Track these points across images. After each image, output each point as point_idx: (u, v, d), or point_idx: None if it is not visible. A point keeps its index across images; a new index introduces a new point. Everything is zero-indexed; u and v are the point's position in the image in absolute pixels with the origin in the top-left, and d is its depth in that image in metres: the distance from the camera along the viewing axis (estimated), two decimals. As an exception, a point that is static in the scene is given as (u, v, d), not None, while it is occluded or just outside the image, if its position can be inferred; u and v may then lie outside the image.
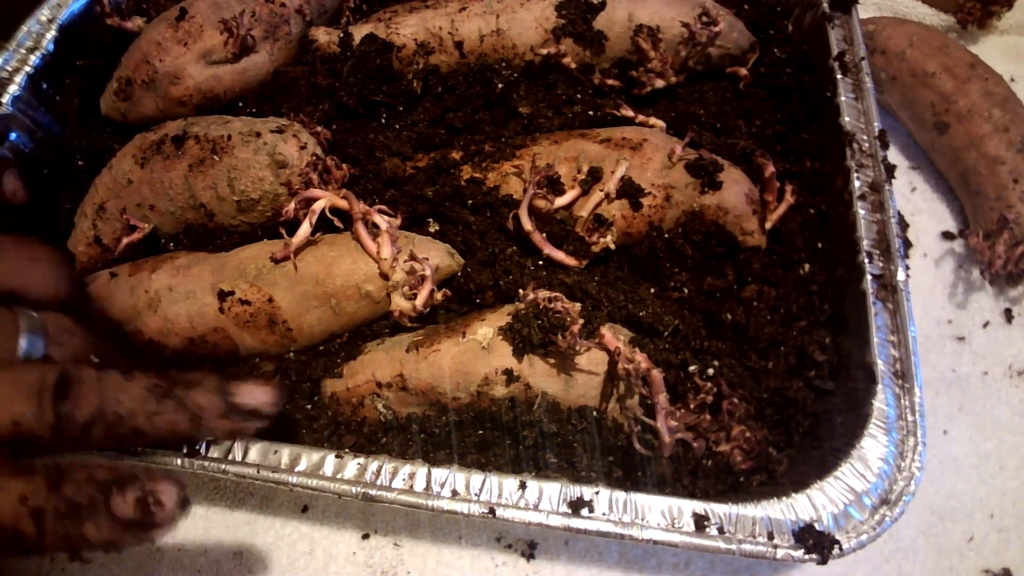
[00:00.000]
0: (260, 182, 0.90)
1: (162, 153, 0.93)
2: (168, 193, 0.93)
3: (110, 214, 0.96)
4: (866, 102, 0.97)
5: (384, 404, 0.81)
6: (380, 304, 0.85)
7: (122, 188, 0.95)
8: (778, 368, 0.84)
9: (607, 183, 0.88)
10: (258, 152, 0.90)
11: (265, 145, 0.89)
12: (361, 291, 0.84)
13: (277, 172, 0.89)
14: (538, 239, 0.88)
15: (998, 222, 0.98)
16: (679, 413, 0.74)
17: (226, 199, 0.91)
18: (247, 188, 0.90)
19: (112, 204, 0.96)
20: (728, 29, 1.03)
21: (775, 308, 0.88)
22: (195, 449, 0.77)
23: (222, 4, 1.03)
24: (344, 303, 0.84)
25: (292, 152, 0.89)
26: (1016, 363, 0.99)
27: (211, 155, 0.91)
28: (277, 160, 0.89)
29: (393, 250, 0.83)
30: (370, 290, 0.84)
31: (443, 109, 1.04)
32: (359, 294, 0.84)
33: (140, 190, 0.94)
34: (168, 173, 0.92)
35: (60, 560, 0.89)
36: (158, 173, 0.93)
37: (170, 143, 0.93)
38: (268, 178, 0.90)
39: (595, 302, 0.85)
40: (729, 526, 0.71)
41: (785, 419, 0.82)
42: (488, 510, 0.71)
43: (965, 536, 0.89)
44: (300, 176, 0.89)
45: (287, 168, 0.89)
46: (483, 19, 1.05)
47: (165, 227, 0.95)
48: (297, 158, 0.90)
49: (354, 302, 0.84)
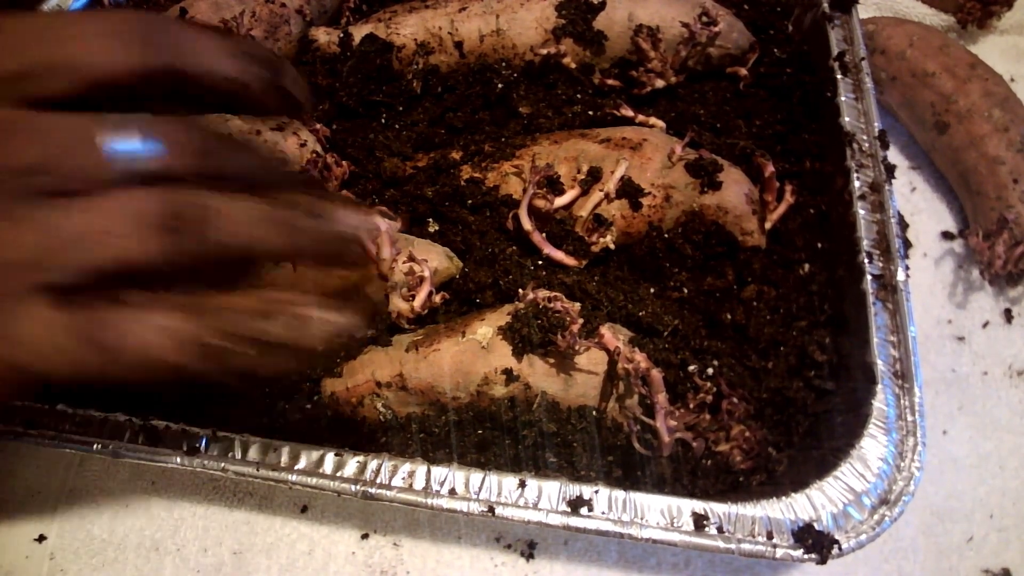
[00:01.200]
0: None
1: None
2: None
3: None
4: (866, 102, 0.97)
5: (383, 404, 0.81)
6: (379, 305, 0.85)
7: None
8: (778, 368, 0.84)
9: (607, 183, 0.88)
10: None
11: (265, 143, 0.90)
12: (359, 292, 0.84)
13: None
14: (538, 239, 0.88)
15: (998, 222, 0.98)
16: (678, 413, 0.74)
17: None
18: None
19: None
20: (728, 29, 1.03)
21: (775, 308, 0.88)
22: (194, 447, 0.77)
23: (222, 4, 1.03)
24: (341, 303, 0.84)
25: (292, 150, 0.90)
26: (1016, 363, 0.99)
27: None
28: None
29: (392, 251, 0.83)
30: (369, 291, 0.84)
31: (443, 109, 1.04)
32: None
33: None
34: None
35: (60, 562, 0.89)
36: None
37: None
38: None
39: (595, 302, 0.85)
40: (728, 525, 0.71)
41: (785, 419, 0.82)
42: (487, 508, 0.72)
43: (965, 536, 0.88)
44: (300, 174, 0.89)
45: (287, 167, 0.89)
46: (483, 19, 1.05)
47: None
48: (297, 156, 0.90)
49: (352, 302, 0.84)
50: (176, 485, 0.92)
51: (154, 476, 0.93)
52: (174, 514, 0.91)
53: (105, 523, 0.90)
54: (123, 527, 0.90)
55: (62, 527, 0.90)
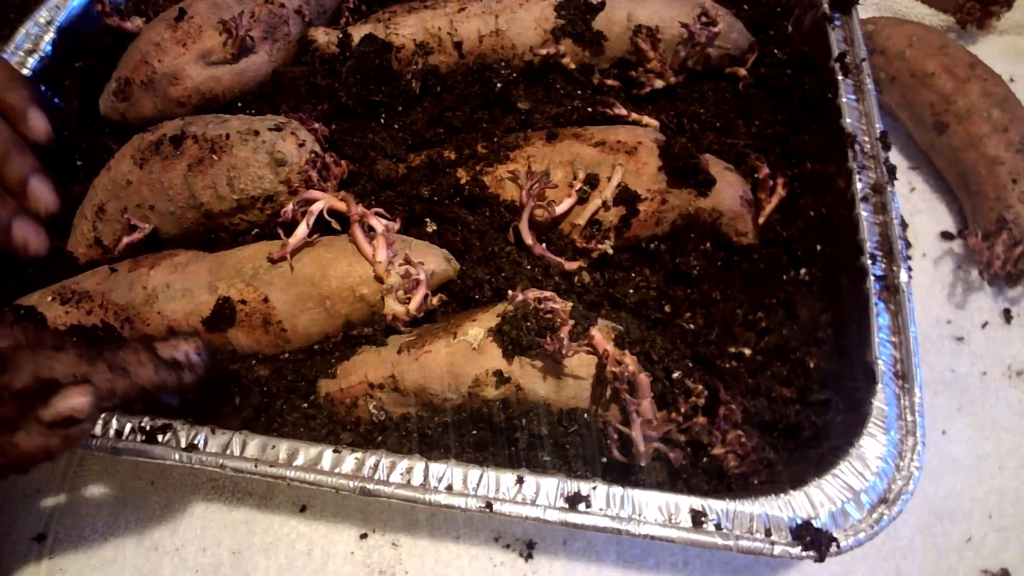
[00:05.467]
0: (260, 180, 0.90)
1: (160, 153, 0.93)
2: (167, 193, 0.93)
3: (110, 215, 0.96)
4: (867, 103, 0.97)
5: (376, 405, 0.81)
6: (375, 308, 0.85)
7: (121, 189, 0.95)
8: (776, 372, 0.85)
9: (604, 190, 0.89)
10: (257, 151, 0.90)
11: (264, 144, 0.90)
12: (356, 294, 0.84)
13: (276, 170, 0.89)
14: (539, 251, 0.88)
15: (997, 222, 0.98)
16: (655, 422, 0.73)
17: (226, 198, 0.91)
18: (247, 187, 0.90)
19: (111, 205, 0.96)
20: (727, 29, 1.04)
21: (774, 312, 0.88)
22: (193, 444, 0.77)
23: (221, 5, 1.03)
24: (339, 305, 0.84)
25: (291, 150, 0.90)
26: (1015, 363, 0.99)
27: (210, 154, 0.91)
28: (276, 158, 0.89)
29: (389, 253, 0.83)
30: (364, 293, 0.84)
31: (442, 109, 1.04)
32: (354, 297, 0.84)
33: (139, 191, 0.94)
34: (167, 173, 0.92)
35: (58, 560, 0.89)
36: (157, 173, 0.93)
37: (168, 143, 0.93)
38: (268, 176, 0.90)
39: (590, 303, 0.85)
40: (726, 522, 0.71)
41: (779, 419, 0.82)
42: (485, 504, 0.72)
43: (963, 536, 0.88)
44: (300, 174, 0.89)
45: (286, 166, 0.89)
46: (482, 19, 1.05)
47: (165, 227, 0.95)
48: (296, 155, 0.90)
49: (348, 304, 0.84)
50: (175, 485, 0.92)
51: (153, 476, 0.92)
52: (173, 514, 0.91)
53: (104, 523, 0.90)
54: (122, 527, 0.90)
55: (61, 526, 0.90)
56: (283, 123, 0.93)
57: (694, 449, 0.78)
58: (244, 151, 0.90)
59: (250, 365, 0.86)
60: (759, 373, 0.85)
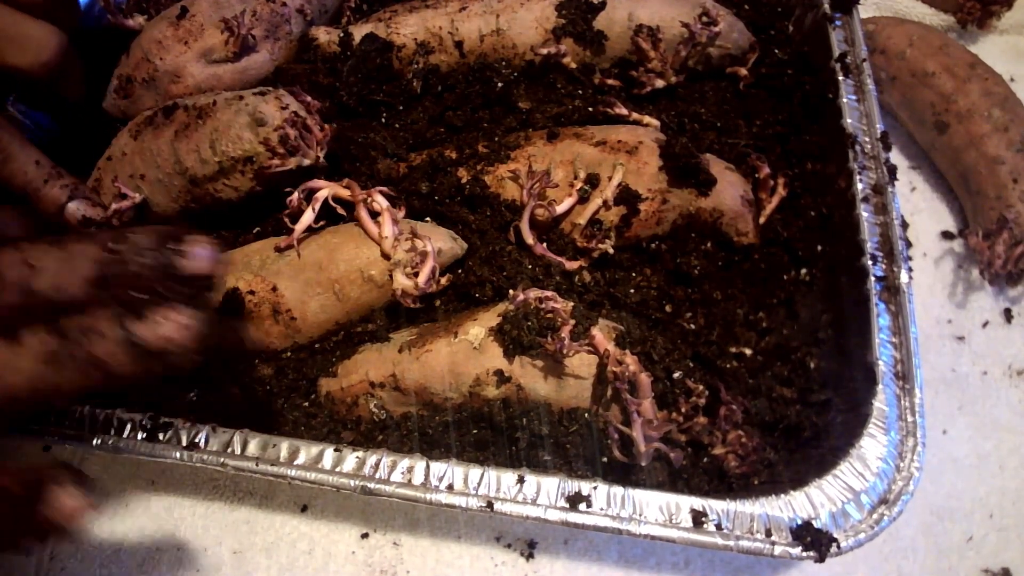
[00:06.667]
0: (240, 141, 0.89)
1: (153, 124, 0.94)
2: (156, 161, 0.92)
3: (106, 188, 0.96)
4: (868, 104, 0.97)
5: (377, 404, 0.81)
6: (383, 289, 0.85)
7: (117, 162, 0.96)
8: (776, 372, 0.85)
9: (605, 190, 0.89)
10: (239, 112, 0.89)
11: (247, 106, 0.89)
12: (364, 275, 0.84)
13: (256, 130, 0.89)
14: (540, 251, 0.88)
15: (998, 222, 0.98)
16: (656, 422, 0.73)
17: (208, 161, 0.90)
18: (227, 148, 0.89)
19: (107, 178, 0.96)
20: (728, 29, 1.03)
21: (775, 312, 0.88)
22: (194, 442, 0.77)
23: (223, 3, 1.03)
24: (347, 288, 0.84)
25: (271, 111, 0.89)
26: (1016, 363, 0.99)
27: (196, 119, 0.91)
28: (256, 118, 0.88)
29: (395, 229, 0.83)
30: (373, 274, 0.84)
31: (443, 108, 1.04)
32: (362, 279, 0.84)
33: (132, 161, 0.94)
34: (156, 141, 0.92)
35: (59, 559, 0.89)
36: (148, 142, 0.93)
37: (160, 114, 0.94)
38: (247, 136, 0.89)
39: (591, 303, 0.85)
40: (727, 522, 0.71)
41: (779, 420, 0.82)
42: (486, 503, 0.72)
43: (964, 536, 0.88)
44: (277, 131, 0.88)
45: (266, 126, 0.89)
46: (483, 19, 1.05)
47: (156, 198, 0.95)
48: (277, 117, 0.89)
49: (357, 287, 0.84)
50: (176, 484, 0.92)
51: (154, 475, 0.93)
52: (174, 513, 0.91)
53: (105, 522, 0.90)
54: (123, 526, 0.90)
55: (61, 525, 0.90)
56: (270, 90, 0.93)
57: (695, 449, 0.78)
58: (227, 114, 0.90)
59: (253, 364, 0.87)
60: (760, 373, 0.85)
